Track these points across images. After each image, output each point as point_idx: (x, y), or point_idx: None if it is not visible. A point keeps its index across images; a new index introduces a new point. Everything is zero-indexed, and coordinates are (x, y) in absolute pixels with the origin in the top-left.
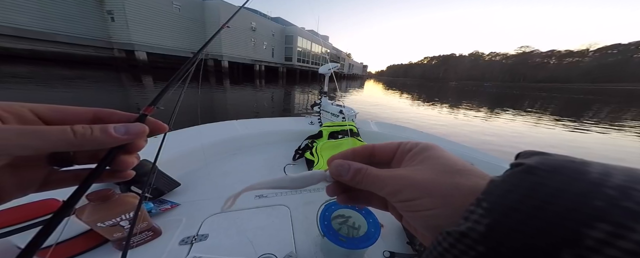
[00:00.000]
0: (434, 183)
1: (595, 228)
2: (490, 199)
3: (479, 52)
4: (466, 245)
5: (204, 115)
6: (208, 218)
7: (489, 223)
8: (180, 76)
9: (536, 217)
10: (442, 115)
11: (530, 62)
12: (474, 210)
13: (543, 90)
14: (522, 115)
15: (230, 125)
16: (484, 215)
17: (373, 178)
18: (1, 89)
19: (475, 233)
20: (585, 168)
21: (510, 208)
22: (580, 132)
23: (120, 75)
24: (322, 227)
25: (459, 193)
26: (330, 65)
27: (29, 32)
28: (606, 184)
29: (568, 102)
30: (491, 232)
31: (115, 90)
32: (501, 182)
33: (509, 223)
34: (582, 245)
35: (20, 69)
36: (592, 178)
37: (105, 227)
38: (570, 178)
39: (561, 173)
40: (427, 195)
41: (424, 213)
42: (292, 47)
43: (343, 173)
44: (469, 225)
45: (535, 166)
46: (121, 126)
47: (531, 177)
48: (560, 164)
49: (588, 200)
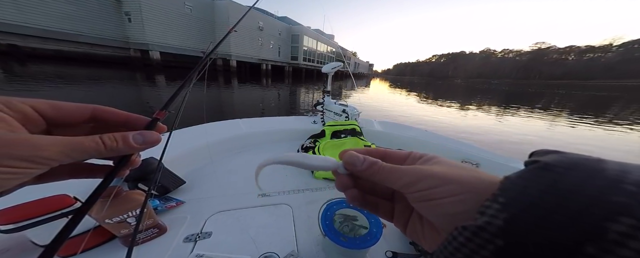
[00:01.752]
0: (454, 173)
1: (618, 222)
2: (507, 194)
3: (490, 49)
4: (484, 239)
5: (213, 114)
6: (212, 216)
7: (506, 217)
8: (190, 79)
9: (557, 213)
10: (450, 114)
11: (547, 59)
12: (490, 205)
13: (561, 87)
14: (537, 114)
15: (235, 124)
16: (500, 210)
17: (389, 170)
18: (34, 87)
19: (493, 228)
20: (602, 165)
21: (530, 203)
22: (607, 130)
23: (135, 74)
24: (324, 226)
25: (481, 183)
26: (334, 64)
27: (54, 33)
28: (625, 181)
29: (590, 100)
30: (510, 227)
31: (131, 89)
32: (517, 178)
33: (530, 218)
34: (606, 239)
35: (48, 68)
36: (610, 175)
37: (113, 223)
38: (587, 175)
39: (579, 170)
40: (449, 182)
41: (446, 200)
42: (298, 47)
43: (358, 163)
44: (486, 220)
45: (552, 163)
46: (139, 136)
47: (549, 174)
48: (577, 162)
49: (609, 196)
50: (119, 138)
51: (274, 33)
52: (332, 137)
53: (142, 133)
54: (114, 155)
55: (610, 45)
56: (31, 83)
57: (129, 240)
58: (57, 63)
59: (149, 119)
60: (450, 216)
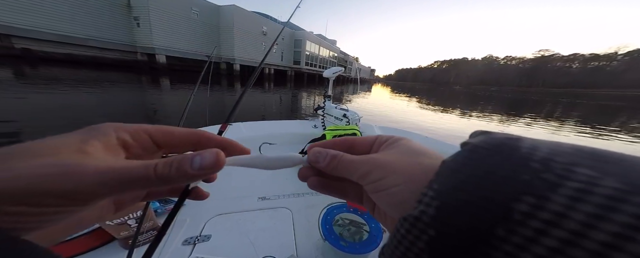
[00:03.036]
0: (398, 162)
1: (521, 202)
2: (440, 180)
3: (493, 56)
4: (419, 230)
5: (216, 117)
6: (211, 219)
7: (438, 205)
8: (248, 86)
9: (476, 195)
10: (451, 121)
11: (550, 66)
12: (426, 193)
13: (564, 96)
14: (540, 123)
15: (237, 127)
16: (434, 197)
17: (347, 163)
18: (43, 89)
19: (426, 217)
20: (518, 144)
21: (456, 188)
22: (610, 140)
23: (141, 77)
24: (324, 230)
25: (419, 170)
26: (335, 69)
27: (67, 37)
28: (532, 158)
29: (594, 109)
30: (440, 214)
31: (136, 92)
32: (450, 162)
33: (454, 203)
34: (511, 219)
35: (58, 71)
36: (522, 153)
37: (113, 225)
38: (506, 155)
39: (498, 151)
40: (392, 173)
41: (389, 191)
42: (301, 51)
43: (320, 159)
44: (422, 208)
45: (478, 145)
46: (197, 157)
47: (474, 156)
48: (499, 142)
49: (517, 174)
50: (174, 164)
51: (278, 38)
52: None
53: (200, 154)
54: (168, 186)
55: (615, 54)
56: (41, 85)
57: (128, 243)
58: (67, 66)
59: (246, 149)
60: (397, 206)
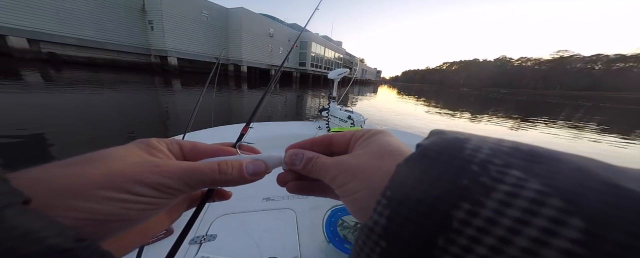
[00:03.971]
0: (362, 166)
1: (459, 209)
2: (393, 186)
3: (506, 57)
4: (373, 241)
5: (222, 117)
6: (217, 219)
7: (388, 215)
8: (268, 90)
9: (422, 203)
10: (461, 124)
11: (569, 68)
12: (380, 200)
13: (587, 99)
14: (559, 127)
15: (241, 128)
16: (386, 206)
17: (320, 166)
18: (69, 91)
19: (378, 228)
20: (464, 144)
21: (404, 195)
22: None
23: (154, 79)
24: (328, 232)
25: (379, 174)
26: (339, 71)
27: (88, 42)
28: (473, 160)
29: (621, 113)
30: (389, 225)
31: (149, 94)
32: (403, 166)
33: (402, 212)
34: (450, 228)
35: (80, 73)
36: (466, 155)
37: None
38: (451, 158)
39: (446, 153)
40: (355, 178)
41: (353, 197)
42: (306, 53)
43: (296, 162)
44: (375, 218)
45: (429, 147)
46: (250, 165)
47: (424, 159)
48: (447, 143)
49: (459, 179)
50: (236, 165)
51: (284, 39)
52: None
53: (253, 163)
54: (224, 185)
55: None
56: (66, 87)
57: None
58: (88, 69)
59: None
60: (360, 212)
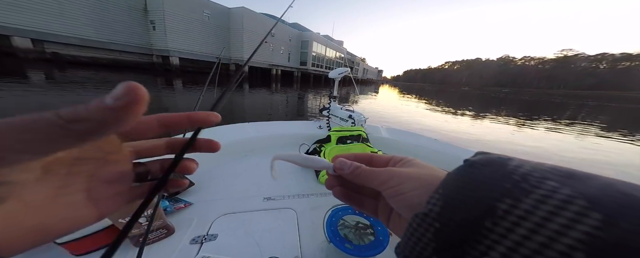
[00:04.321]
0: (413, 173)
1: (503, 202)
2: (444, 186)
3: (509, 56)
4: (428, 223)
5: (225, 117)
6: (218, 219)
7: (442, 204)
8: (232, 84)
9: (470, 197)
10: (462, 123)
11: (574, 67)
12: (433, 196)
13: (591, 98)
14: (562, 127)
15: (243, 128)
16: (439, 199)
17: (368, 173)
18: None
19: (433, 213)
20: (507, 162)
21: (455, 192)
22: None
23: (157, 79)
24: (329, 232)
25: (431, 178)
26: (340, 70)
27: (91, 42)
28: (516, 172)
29: (626, 113)
30: (443, 211)
31: (152, 93)
32: (452, 173)
33: (454, 203)
34: (495, 215)
35: (83, 73)
36: (509, 168)
37: (125, 222)
38: (495, 169)
39: (490, 166)
40: (411, 180)
41: (407, 195)
42: (308, 52)
43: (345, 167)
44: (430, 207)
45: (475, 161)
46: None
47: (471, 169)
48: (492, 160)
49: (501, 183)
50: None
51: (285, 39)
52: (338, 143)
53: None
54: (82, 126)
55: None
56: (69, 87)
57: (138, 240)
58: (91, 69)
59: (206, 113)
60: (411, 207)
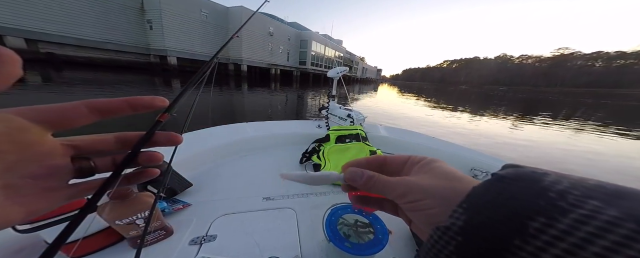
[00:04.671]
0: (435, 187)
1: (535, 220)
2: (469, 201)
3: (507, 55)
4: (449, 237)
5: (223, 117)
6: (217, 219)
7: (465, 219)
8: (195, 82)
9: (498, 213)
10: (460, 121)
11: (570, 65)
12: (457, 210)
13: (587, 96)
14: (558, 124)
15: (242, 128)
16: (462, 213)
17: (384, 183)
18: (70, 91)
19: (456, 227)
20: (542, 177)
21: (482, 207)
22: None
23: (154, 79)
24: (328, 231)
25: (454, 195)
26: (339, 69)
27: (87, 41)
28: (552, 189)
29: (622, 110)
30: (467, 225)
31: (150, 93)
32: (479, 187)
33: (480, 218)
34: (526, 233)
35: (80, 74)
36: (544, 185)
37: (122, 224)
38: (527, 185)
39: (522, 181)
40: (430, 196)
41: (427, 212)
42: (307, 51)
43: (357, 178)
44: (452, 221)
45: (505, 175)
46: None
47: (500, 184)
48: (524, 174)
49: (535, 200)
50: None
51: (284, 38)
52: (337, 142)
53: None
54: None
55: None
56: (65, 88)
57: (137, 242)
58: (88, 69)
59: (151, 97)
60: (431, 223)
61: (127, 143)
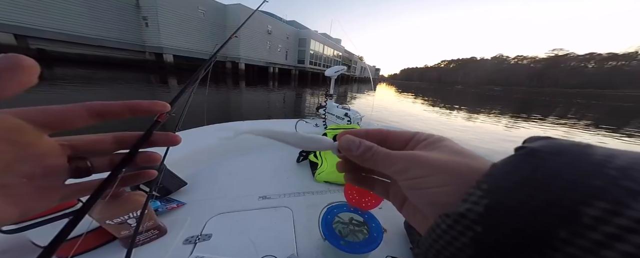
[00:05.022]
0: (446, 161)
1: (592, 206)
2: (490, 181)
3: (503, 56)
4: (464, 226)
5: (220, 116)
6: (212, 218)
7: (487, 203)
8: (194, 80)
9: (536, 197)
10: (456, 121)
11: (564, 66)
12: (473, 192)
13: (579, 96)
14: (552, 124)
15: (238, 126)
16: (483, 196)
17: (383, 156)
18: (62, 90)
19: (473, 214)
20: (589, 150)
21: (511, 189)
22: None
23: (150, 76)
24: (324, 230)
25: (470, 172)
26: (337, 68)
27: (79, 38)
28: (608, 166)
29: (612, 111)
30: (490, 212)
31: (146, 91)
32: (503, 164)
33: (509, 203)
34: (578, 223)
35: (71, 71)
36: (595, 159)
37: (113, 224)
38: (571, 160)
39: (564, 155)
40: (439, 172)
41: (434, 190)
42: (305, 50)
43: (353, 148)
44: (468, 206)
45: (538, 149)
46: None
47: (533, 159)
48: (564, 147)
49: (588, 180)
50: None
51: (282, 37)
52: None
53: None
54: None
55: (635, 53)
56: (57, 86)
57: (129, 242)
58: (80, 66)
59: (151, 102)
60: (436, 205)
61: (125, 143)
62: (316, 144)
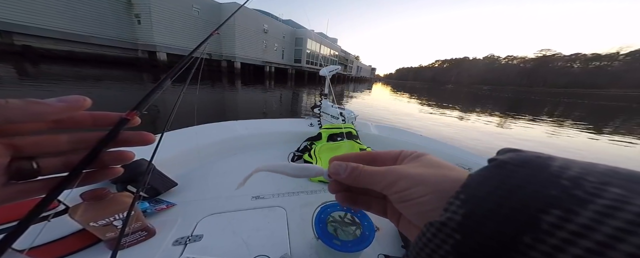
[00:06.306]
0: (425, 174)
1: (549, 214)
2: (466, 191)
3: (494, 56)
4: (445, 234)
5: (215, 115)
6: (204, 219)
7: (464, 212)
8: (169, 77)
9: (503, 206)
10: (449, 120)
11: (552, 66)
12: (453, 202)
13: (566, 96)
14: (539, 122)
15: (231, 126)
16: (460, 206)
17: (369, 174)
18: (46, 87)
19: (453, 223)
20: (549, 162)
21: (483, 198)
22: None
23: (142, 74)
24: (317, 229)
25: (446, 181)
26: (332, 67)
27: (68, 35)
28: (562, 176)
29: (597, 109)
30: (466, 221)
31: (138, 89)
32: (477, 175)
33: (481, 211)
34: (538, 229)
35: (59, 68)
36: (552, 171)
37: (98, 226)
38: (534, 171)
39: (527, 167)
40: (419, 183)
41: (417, 201)
42: (302, 49)
43: (340, 171)
44: (448, 215)
45: (507, 161)
46: (55, 99)
47: (502, 171)
48: (528, 159)
49: (545, 190)
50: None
51: (278, 36)
52: (329, 140)
53: (62, 99)
54: (22, 119)
55: (617, 54)
56: (44, 83)
57: (113, 244)
58: (69, 64)
59: (119, 114)
60: (422, 214)
61: (84, 143)
62: (307, 172)
